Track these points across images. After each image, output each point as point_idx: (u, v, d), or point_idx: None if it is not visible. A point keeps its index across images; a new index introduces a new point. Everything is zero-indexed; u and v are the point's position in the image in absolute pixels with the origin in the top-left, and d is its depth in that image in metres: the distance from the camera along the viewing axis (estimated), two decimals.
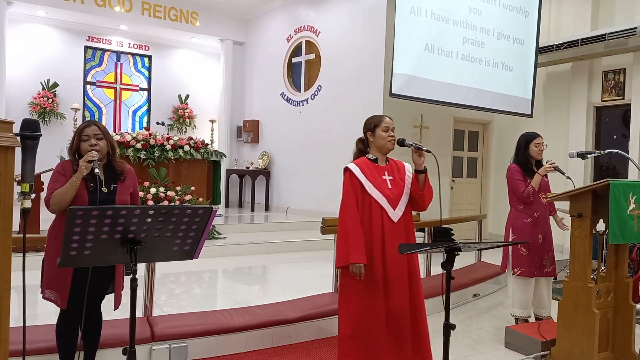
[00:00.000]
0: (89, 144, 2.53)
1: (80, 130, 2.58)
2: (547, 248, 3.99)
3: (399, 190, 2.80)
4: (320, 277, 5.31)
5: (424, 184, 2.80)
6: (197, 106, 11.56)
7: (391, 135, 2.80)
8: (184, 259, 2.07)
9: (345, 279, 2.79)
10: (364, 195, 2.74)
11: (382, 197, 2.74)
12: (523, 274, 3.91)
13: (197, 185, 7.25)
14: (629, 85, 7.05)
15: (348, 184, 2.78)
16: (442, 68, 6.39)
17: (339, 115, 8.51)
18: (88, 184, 2.48)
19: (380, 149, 2.84)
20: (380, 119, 2.84)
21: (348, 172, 2.80)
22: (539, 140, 4.03)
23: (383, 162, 2.86)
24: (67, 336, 2.59)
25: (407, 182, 2.84)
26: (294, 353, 3.48)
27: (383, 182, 2.78)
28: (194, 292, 4.94)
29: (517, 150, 4.08)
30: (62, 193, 2.43)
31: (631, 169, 6.60)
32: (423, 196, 2.80)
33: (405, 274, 2.75)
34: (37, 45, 9.87)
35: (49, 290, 2.50)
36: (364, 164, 2.81)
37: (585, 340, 3.13)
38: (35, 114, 9.64)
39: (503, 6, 7.03)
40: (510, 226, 4.05)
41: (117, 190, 2.57)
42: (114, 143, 2.66)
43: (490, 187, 9.21)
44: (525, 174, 3.95)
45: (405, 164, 2.93)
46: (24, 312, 2.25)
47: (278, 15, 10.32)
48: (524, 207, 3.97)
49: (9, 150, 1.59)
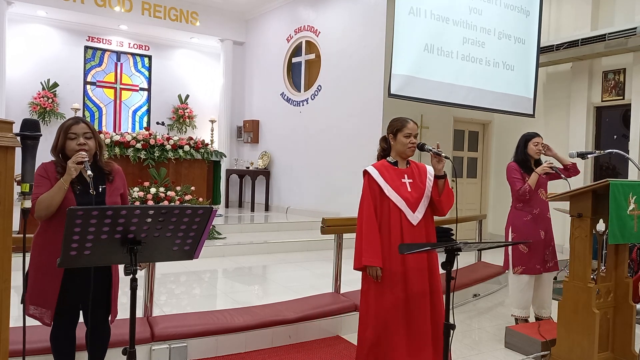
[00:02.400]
0: (77, 142, 2.36)
1: (66, 128, 2.38)
2: (548, 243, 4.02)
3: (419, 193, 2.78)
4: (320, 277, 5.31)
5: (442, 189, 2.78)
6: (197, 106, 11.56)
7: (412, 142, 2.77)
8: (184, 259, 2.07)
9: (364, 282, 2.79)
10: (382, 198, 2.73)
11: (401, 200, 2.72)
12: (525, 272, 3.93)
13: (197, 185, 7.25)
14: (629, 85, 7.05)
15: (366, 187, 2.77)
16: (441, 68, 6.38)
17: (339, 115, 8.51)
18: (75, 187, 2.34)
19: (399, 154, 2.82)
20: (404, 124, 2.79)
21: (367, 175, 2.79)
22: (538, 140, 4.07)
23: (403, 165, 2.84)
24: (62, 347, 2.47)
25: (428, 186, 2.81)
26: (294, 353, 3.48)
27: (402, 185, 2.76)
28: (194, 292, 4.93)
29: (517, 149, 4.14)
30: (49, 198, 2.25)
31: (631, 169, 6.60)
32: (441, 202, 2.79)
33: (426, 278, 2.72)
34: (37, 45, 9.87)
35: (33, 306, 2.33)
36: (383, 167, 2.80)
37: (585, 340, 3.13)
38: (35, 114, 9.64)
39: (504, 6, 7.02)
40: (510, 225, 4.07)
41: (107, 191, 2.43)
42: (102, 142, 2.51)
43: (490, 187, 9.21)
44: (524, 172, 4.00)
45: (427, 167, 2.91)
46: (24, 312, 2.25)
47: (278, 15, 10.32)
48: (523, 205, 4.00)
49: (9, 150, 1.59)
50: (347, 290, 4.26)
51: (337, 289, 4.26)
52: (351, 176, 7.98)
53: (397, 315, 2.66)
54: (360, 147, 7.87)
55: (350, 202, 7.91)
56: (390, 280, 2.67)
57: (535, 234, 3.94)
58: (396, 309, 2.66)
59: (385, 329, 2.67)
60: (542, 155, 4.15)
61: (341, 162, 8.37)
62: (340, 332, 3.88)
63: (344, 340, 3.76)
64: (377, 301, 2.70)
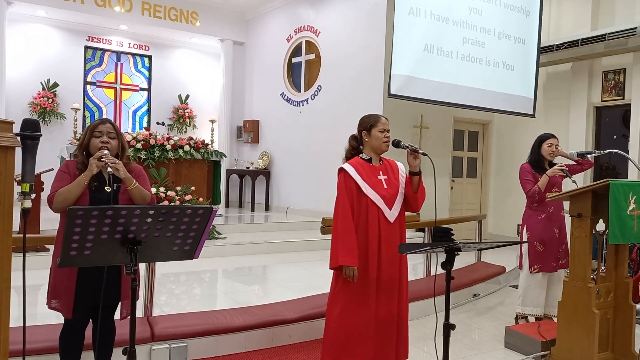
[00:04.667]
0: (100, 140, 2.47)
1: (93, 127, 2.50)
2: (562, 240, 4.06)
3: (394, 190, 2.78)
4: (320, 277, 5.31)
5: (417, 186, 2.78)
6: (197, 106, 11.56)
7: (387, 136, 2.78)
8: (184, 259, 2.07)
9: (336, 281, 2.77)
10: (359, 196, 2.71)
11: (379, 198, 2.71)
12: (542, 269, 3.97)
13: (197, 185, 7.25)
14: (629, 85, 7.05)
15: (342, 185, 2.74)
16: (441, 68, 6.38)
17: (339, 115, 8.50)
18: (91, 183, 2.42)
19: (374, 150, 2.81)
20: (377, 119, 2.80)
21: (343, 172, 2.77)
22: (552, 141, 4.10)
23: (377, 161, 2.84)
24: (71, 347, 2.52)
25: (402, 182, 2.83)
26: (293, 353, 3.48)
27: (378, 182, 2.76)
28: (194, 292, 4.94)
29: (532, 149, 4.18)
30: (67, 191, 2.36)
31: (631, 169, 6.60)
32: (416, 198, 2.78)
33: (397, 277, 2.74)
34: (37, 45, 9.87)
35: (54, 299, 2.43)
36: (358, 164, 2.78)
37: (585, 340, 3.13)
38: (36, 114, 9.64)
39: (504, 6, 7.02)
40: (525, 225, 4.12)
41: (121, 189, 2.50)
42: (126, 145, 2.61)
43: (490, 187, 9.21)
44: (536, 172, 4.04)
45: (398, 164, 2.92)
46: (24, 312, 2.25)
47: (278, 15, 10.32)
48: (537, 205, 4.03)
49: (9, 150, 1.59)
50: None
51: None
52: None
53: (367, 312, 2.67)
54: None
55: None
56: (364, 278, 2.66)
57: (549, 232, 4.00)
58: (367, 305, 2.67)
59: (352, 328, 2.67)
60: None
61: (341, 162, 8.35)
62: None
63: None
64: (346, 302, 2.69)
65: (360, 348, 2.67)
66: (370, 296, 2.68)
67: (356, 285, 2.67)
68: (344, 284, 2.69)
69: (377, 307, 2.69)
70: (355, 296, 2.68)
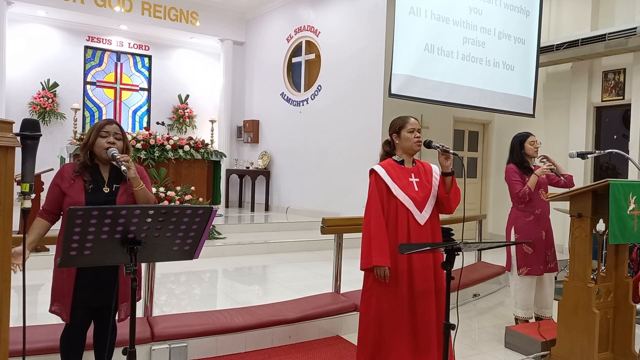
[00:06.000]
0: (107, 140, 2.45)
1: (100, 126, 2.49)
2: (550, 244, 4.02)
3: (426, 193, 2.75)
4: (320, 277, 5.31)
5: (450, 187, 2.75)
6: (197, 106, 11.56)
7: (417, 136, 2.74)
8: (184, 259, 2.07)
9: (367, 282, 2.75)
10: (389, 197, 2.69)
11: (409, 199, 2.69)
12: (530, 272, 3.92)
13: (197, 185, 7.25)
14: (629, 85, 7.05)
15: (373, 186, 2.72)
16: (442, 68, 6.38)
17: (339, 115, 8.51)
18: (87, 185, 2.40)
19: (406, 151, 2.78)
20: (406, 120, 2.78)
21: (374, 173, 2.75)
22: (534, 139, 4.07)
23: (410, 163, 2.81)
24: (72, 349, 2.51)
25: (435, 185, 2.79)
26: (294, 353, 3.48)
27: (409, 184, 2.73)
28: (194, 292, 4.93)
29: (512, 151, 4.11)
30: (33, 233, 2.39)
31: (631, 169, 6.60)
32: (449, 199, 2.76)
33: (432, 278, 2.68)
34: (37, 45, 9.87)
35: (56, 303, 2.44)
36: (389, 165, 2.76)
37: (585, 340, 3.13)
38: (35, 114, 9.64)
39: (504, 6, 7.02)
40: (512, 226, 4.06)
41: (119, 190, 2.49)
42: (130, 147, 2.60)
43: (490, 187, 9.21)
44: (523, 173, 3.98)
45: (432, 166, 2.88)
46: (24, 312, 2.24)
47: (278, 15, 10.33)
48: (525, 206, 3.98)
49: (9, 150, 1.58)
50: (347, 290, 4.26)
51: (337, 289, 4.26)
52: (351, 176, 7.99)
53: (401, 316, 2.63)
54: (360, 147, 7.88)
55: (350, 202, 7.92)
56: (395, 280, 2.64)
57: (537, 235, 3.94)
58: (400, 309, 2.63)
59: (387, 330, 2.64)
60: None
61: (341, 162, 8.37)
62: (340, 332, 3.88)
63: (344, 340, 3.76)
64: (379, 302, 2.66)
65: (396, 350, 2.62)
66: (402, 299, 2.63)
67: (388, 287, 2.64)
68: (375, 284, 2.68)
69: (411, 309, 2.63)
70: (389, 298, 2.64)
